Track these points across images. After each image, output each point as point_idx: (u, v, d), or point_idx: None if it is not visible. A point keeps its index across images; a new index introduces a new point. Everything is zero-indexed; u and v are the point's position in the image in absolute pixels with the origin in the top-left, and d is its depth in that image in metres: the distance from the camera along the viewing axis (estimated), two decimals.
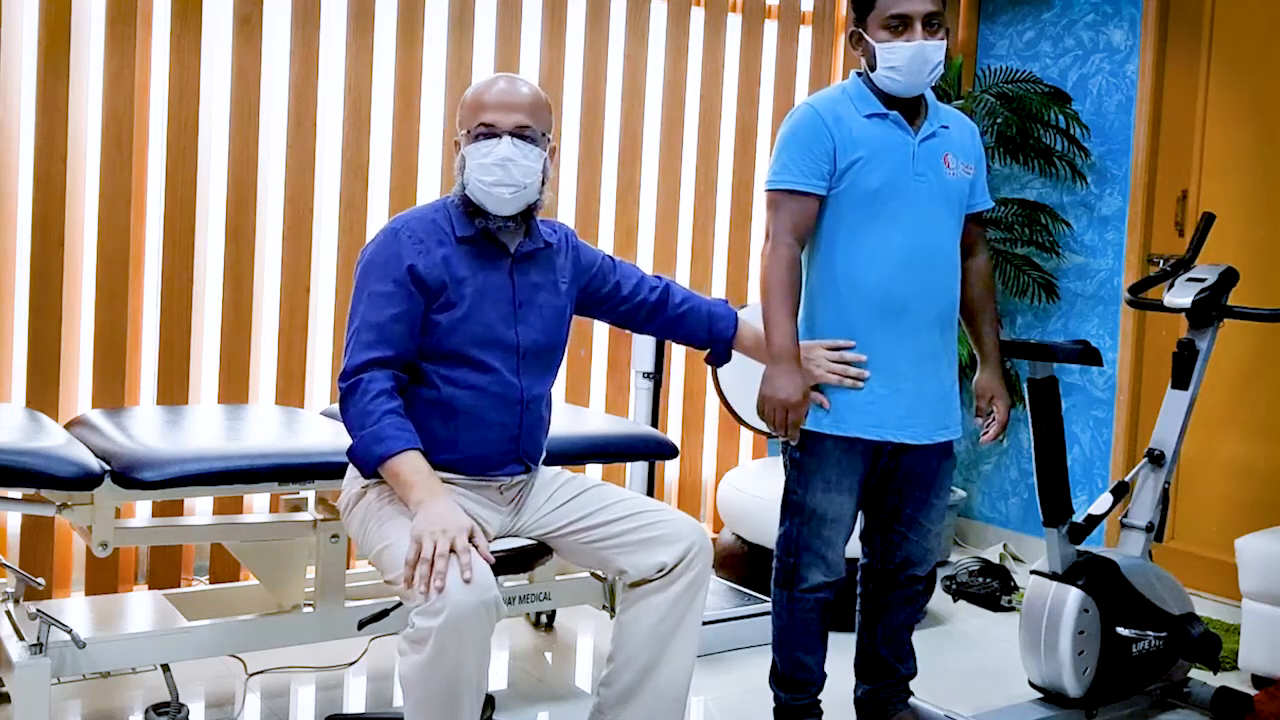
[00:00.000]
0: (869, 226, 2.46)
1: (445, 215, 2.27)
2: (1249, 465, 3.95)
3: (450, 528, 1.98)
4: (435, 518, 2.00)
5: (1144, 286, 3.11)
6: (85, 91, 3.28)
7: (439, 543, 1.95)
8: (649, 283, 2.53)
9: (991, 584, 3.92)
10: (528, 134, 2.22)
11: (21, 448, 2.34)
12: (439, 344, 2.23)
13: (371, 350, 2.15)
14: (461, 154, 2.25)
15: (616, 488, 2.40)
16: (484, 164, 2.19)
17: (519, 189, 2.21)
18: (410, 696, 1.99)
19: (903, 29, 2.41)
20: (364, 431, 2.11)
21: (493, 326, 2.25)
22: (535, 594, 3.12)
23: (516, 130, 2.21)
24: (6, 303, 3.23)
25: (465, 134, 2.25)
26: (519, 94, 2.23)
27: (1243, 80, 3.98)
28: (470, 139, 2.23)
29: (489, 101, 2.22)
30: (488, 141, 2.20)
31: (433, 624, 1.90)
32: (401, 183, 3.70)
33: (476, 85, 2.28)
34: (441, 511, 2.02)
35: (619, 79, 4.08)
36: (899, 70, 2.42)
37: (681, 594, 2.23)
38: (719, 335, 2.59)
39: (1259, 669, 3.14)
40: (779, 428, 2.43)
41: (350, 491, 2.28)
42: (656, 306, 2.54)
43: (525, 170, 2.21)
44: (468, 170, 2.22)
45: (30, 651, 2.39)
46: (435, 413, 2.24)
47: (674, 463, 4.26)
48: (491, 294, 2.26)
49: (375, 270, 2.21)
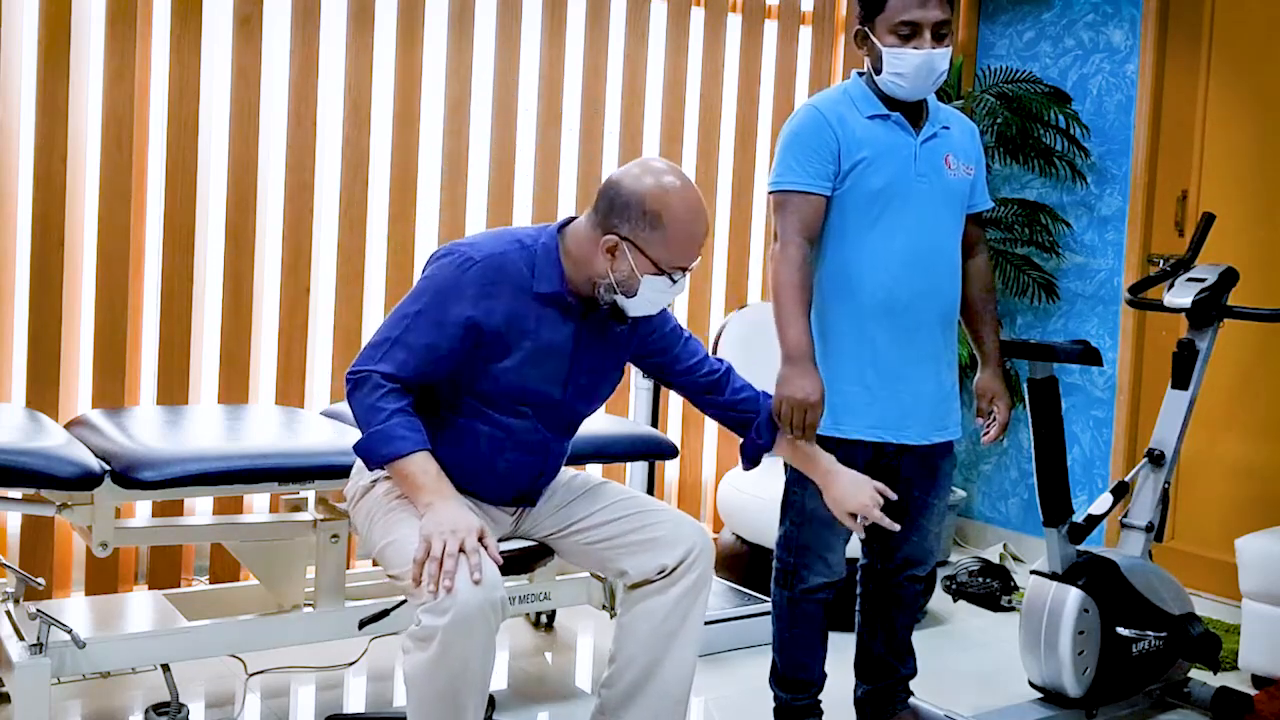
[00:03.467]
0: (871, 227, 2.46)
1: (530, 262, 2.16)
2: (1249, 465, 3.95)
3: (460, 528, 1.97)
4: (445, 518, 1.99)
5: (1144, 286, 3.10)
6: (85, 91, 3.28)
7: (449, 542, 1.94)
8: (709, 364, 2.43)
9: (991, 584, 3.92)
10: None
11: (21, 448, 2.34)
12: (479, 384, 2.17)
13: (392, 366, 2.09)
14: (633, 272, 2.12)
15: (618, 486, 2.40)
16: (658, 300, 2.15)
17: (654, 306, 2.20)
18: (414, 694, 1.98)
19: (912, 36, 2.39)
20: (373, 429, 2.07)
21: (541, 385, 2.19)
22: (535, 594, 3.12)
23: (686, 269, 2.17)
24: (6, 303, 3.23)
25: (646, 259, 2.11)
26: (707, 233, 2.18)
27: (1243, 80, 3.98)
28: (655, 272, 2.12)
29: (695, 244, 2.13)
30: (674, 285, 2.14)
31: (439, 622, 1.90)
32: (401, 183, 3.70)
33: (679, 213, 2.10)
34: (451, 512, 2.01)
35: (619, 79, 4.08)
36: (905, 77, 2.41)
37: (683, 595, 2.22)
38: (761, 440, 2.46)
39: (1259, 669, 3.14)
40: (796, 429, 2.42)
41: (357, 484, 2.27)
42: (709, 388, 2.43)
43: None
44: (640, 294, 2.13)
45: (30, 651, 2.39)
46: (462, 443, 2.20)
47: (674, 463, 4.26)
48: (552, 352, 2.19)
49: (438, 295, 2.12)
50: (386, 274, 3.71)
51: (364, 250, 3.67)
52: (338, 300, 3.64)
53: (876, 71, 2.46)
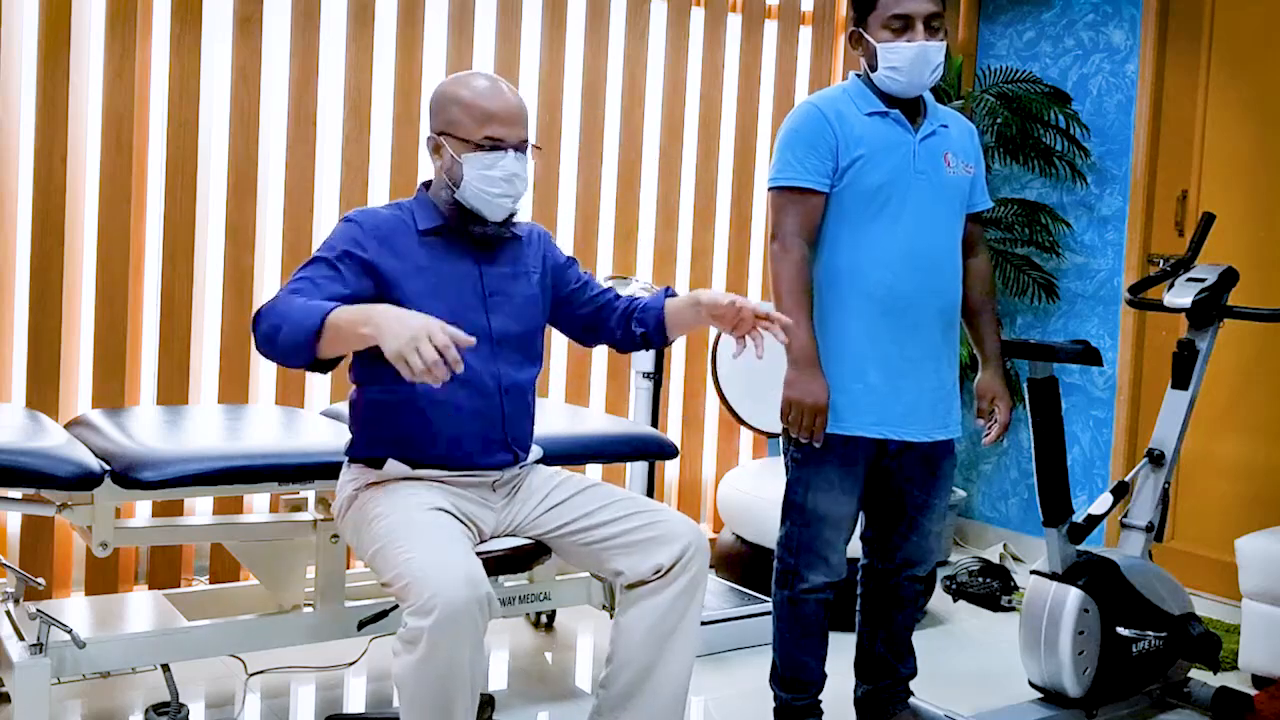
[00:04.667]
0: (871, 224, 2.46)
1: (407, 211, 2.29)
2: (1249, 465, 3.95)
3: (418, 330, 1.85)
4: (399, 329, 1.86)
5: (1144, 286, 3.11)
6: (85, 91, 3.28)
7: (421, 348, 1.84)
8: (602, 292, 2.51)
9: (991, 584, 3.92)
10: (525, 146, 2.28)
11: (21, 448, 2.34)
12: None
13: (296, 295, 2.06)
14: (454, 158, 2.24)
15: (613, 487, 2.40)
16: (489, 175, 2.23)
17: (518, 199, 2.29)
18: (404, 696, 1.98)
19: (904, 29, 2.41)
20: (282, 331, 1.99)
21: (460, 314, 2.23)
22: (535, 594, 3.12)
23: (520, 144, 2.26)
24: (6, 303, 3.23)
25: (461, 140, 2.24)
26: (519, 106, 2.27)
27: (1243, 80, 3.98)
28: (471, 148, 2.23)
29: (497, 113, 2.23)
30: (493, 154, 2.23)
31: (424, 623, 1.90)
32: (401, 183, 3.70)
33: (470, 88, 2.25)
34: (399, 319, 1.88)
35: (619, 79, 4.08)
36: (900, 71, 2.43)
37: (679, 595, 2.22)
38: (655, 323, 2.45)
39: (1259, 669, 3.14)
40: (804, 431, 2.43)
41: (343, 496, 2.29)
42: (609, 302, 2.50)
43: (525, 182, 2.28)
44: (466, 178, 2.24)
45: (30, 651, 2.39)
46: (410, 409, 2.23)
47: (674, 463, 4.26)
48: (457, 283, 2.27)
49: (328, 246, 2.20)
50: None
51: None
52: None
53: (872, 69, 2.47)
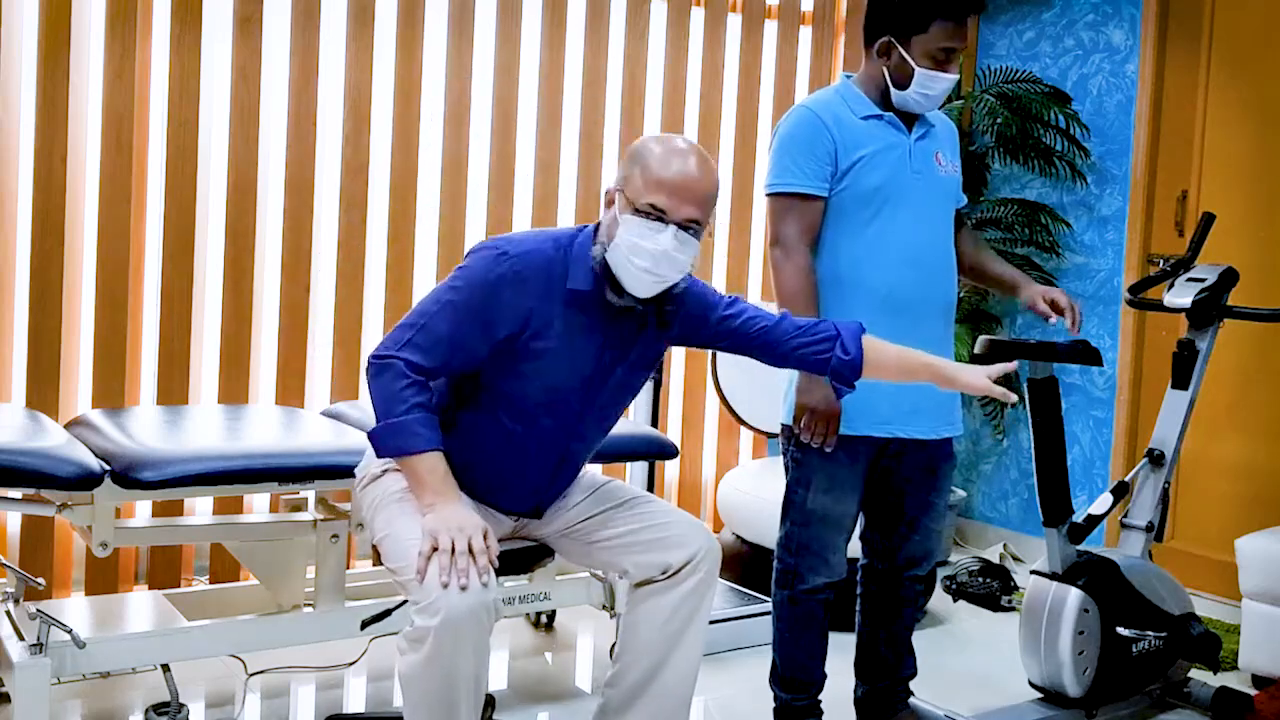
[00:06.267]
0: (870, 225, 2.48)
1: (565, 261, 2.12)
2: (1249, 465, 3.95)
3: (466, 526, 1.97)
4: (450, 516, 1.99)
5: (1144, 286, 3.11)
6: (85, 91, 3.28)
7: (456, 540, 1.94)
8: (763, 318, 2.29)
9: (991, 584, 3.92)
10: (694, 229, 2.07)
11: (21, 448, 2.34)
12: (501, 382, 2.15)
13: (417, 355, 2.06)
14: (615, 216, 2.08)
15: (626, 485, 2.39)
16: (638, 245, 2.04)
17: (665, 281, 2.09)
18: (409, 696, 1.99)
19: (947, 62, 2.46)
20: (390, 420, 2.04)
21: (562, 386, 2.15)
22: (535, 594, 3.11)
23: (685, 223, 2.05)
24: (6, 303, 3.23)
25: (628, 200, 2.07)
26: (701, 183, 2.06)
27: (1243, 80, 3.98)
28: (632, 210, 2.06)
29: (669, 183, 2.04)
30: (651, 224, 2.04)
31: (431, 623, 1.90)
32: (401, 183, 3.70)
33: (658, 149, 2.07)
34: (456, 511, 2.01)
35: (619, 79, 4.08)
36: (930, 99, 2.48)
37: (688, 594, 2.21)
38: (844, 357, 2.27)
39: (1259, 669, 3.14)
40: (818, 436, 2.44)
41: (368, 469, 2.26)
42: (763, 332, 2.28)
43: (679, 265, 2.07)
44: (617, 239, 2.06)
45: (30, 651, 2.39)
46: (472, 433, 2.19)
47: (674, 463, 4.26)
48: (578, 350, 2.14)
49: (468, 288, 2.09)
50: (386, 274, 3.71)
51: (364, 250, 3.67)
52: (338, 300, 3.64)
53: (899, 85, 2.47)
